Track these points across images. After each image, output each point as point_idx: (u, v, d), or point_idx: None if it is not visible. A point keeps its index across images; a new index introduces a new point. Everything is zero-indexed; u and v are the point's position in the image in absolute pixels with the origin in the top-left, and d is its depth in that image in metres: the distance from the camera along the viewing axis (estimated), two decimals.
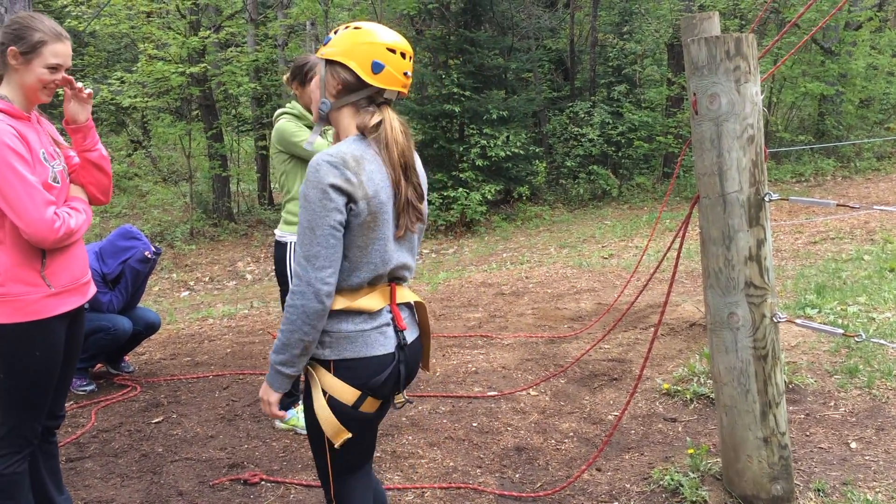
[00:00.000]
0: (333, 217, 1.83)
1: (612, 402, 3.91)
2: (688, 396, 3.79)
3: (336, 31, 1.99)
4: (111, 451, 3.64)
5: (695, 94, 2.59)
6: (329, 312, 1.92)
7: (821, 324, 3.92)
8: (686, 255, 7.40)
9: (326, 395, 1.93)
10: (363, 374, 1.93)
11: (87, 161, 2.60)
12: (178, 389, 4.51)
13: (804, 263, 6.78)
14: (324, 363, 1.95)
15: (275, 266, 3.61)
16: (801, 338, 4.40)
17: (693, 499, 2.80)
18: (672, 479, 2.94)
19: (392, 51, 1.93)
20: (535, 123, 15.92)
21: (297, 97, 3.65)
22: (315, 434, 1.99)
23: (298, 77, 3.56)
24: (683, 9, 14.28)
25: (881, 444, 3.13)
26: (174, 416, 4.07)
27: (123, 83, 12.15)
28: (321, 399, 1.93)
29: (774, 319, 2.62)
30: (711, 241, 2.64)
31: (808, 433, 3.30)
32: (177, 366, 5.00)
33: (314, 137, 2.10)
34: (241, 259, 11.39)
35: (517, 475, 3.20)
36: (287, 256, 3.48)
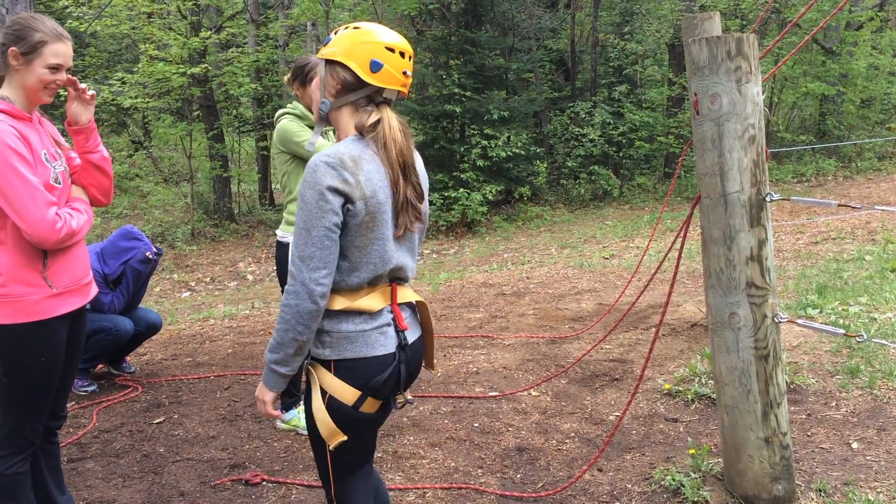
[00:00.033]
0: (329, 219, 1.83)
1: (614, 403, 3.91)
2: (689, 397, 3.79)
3: (336, 32, 2.00)
4: (113, 452, 3.64)
5: (696, 95, 2.59)
6: (329, 312, 1.93)
7: (822, 324, 3.91)
8: (687, 256, 7.40)
9: (326, 395, 1.94)
10: (363, 375, 1.93)
11: (89, 162, 2.60)
12: (180, 390, 4.52)
13: (805, 264, 6.78)
14: (324, 363, 1.95)
15: (276, 267, 3.61)
16: (803, 338, 4.40)
17: (694, 499, 2.80)
18: (673, 480, 2.94)
19: (391, 50, 1.93)
20: (536, 124, 15.93)
21: (299, 98, 3.64)
22: (316, 434, 1.99)
23: (299, 78, 3.56)
24: (684, 9, 14.28)
25: (883, 445, 3.13)
26: (175, 417, 4.07)
27: (124, 84, 12.16)
28: (319, 400, 1.94)
29: (776, 320, 2.61)
30: (713, 242, 2.64)
31: (810, 433, 3.29)
32: (178, 366, 5.01)
33: (315, 138, 2.10)
34: (243, 260, 11.39)
35: (518, 475, 3.20)
36: (289, 257, 3.48)
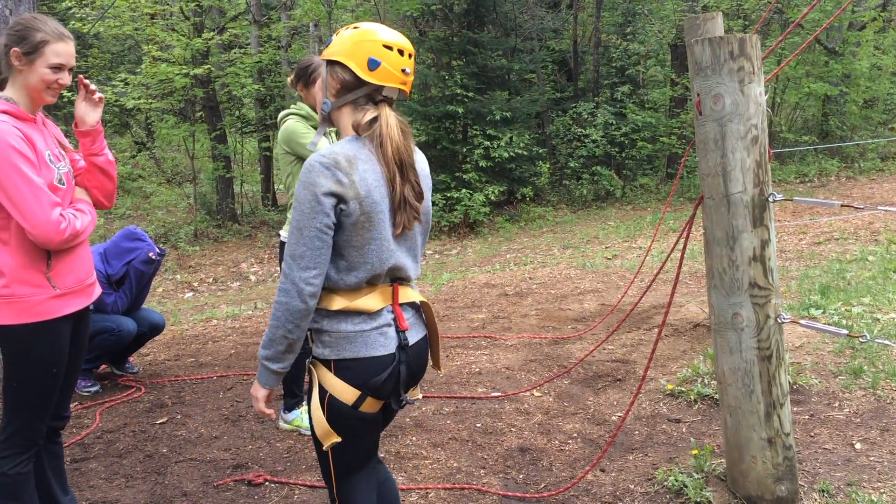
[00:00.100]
0: (321, 220, 1.84)
1: (616, 403, 3.90)
2: (692, 397, 3.79)
3: (338, 33, 2.01)
4: (115, 452, 3.65)
5: (698, 95, 2.59)
6: (329, 312, 1.94)
7: (825, 324, 3.90)
8: (690, 256, 7.40)
9: (327, 395, 1.95)
10: (363, 375, 1.94)
11: (94, 165, 2.61)
12: (183, 390, 4.52)
13: (808, 264, 6.77)
14: (325, 362, 1.96)
15: (279, 267, 3.61)
16: (806, 338, 4.40)
17: (697, 499, 2.80)
18: (676, 480, 2.93)
19: (388, 47, 1.94)
20: (539, 124, 15.93)
21: (303, 99, 3.64)
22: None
23: (303, 79, 3.56)
24: (687, 9, 14.28)
25: (886, 445, 3.12)
26: (178, 417, 4.08)
27: (127, 85, 12.18)
28: (316, 400, 1.96)
29: (778, 320, 2.61)
30: (715, 242, 2.64)
31: (813, 434, 3.29)
32: (181, 367, 5.01)
33: (318, 138, 2.10)
34: (245, 260, 11.40)
35: (521, 476, 3.20)
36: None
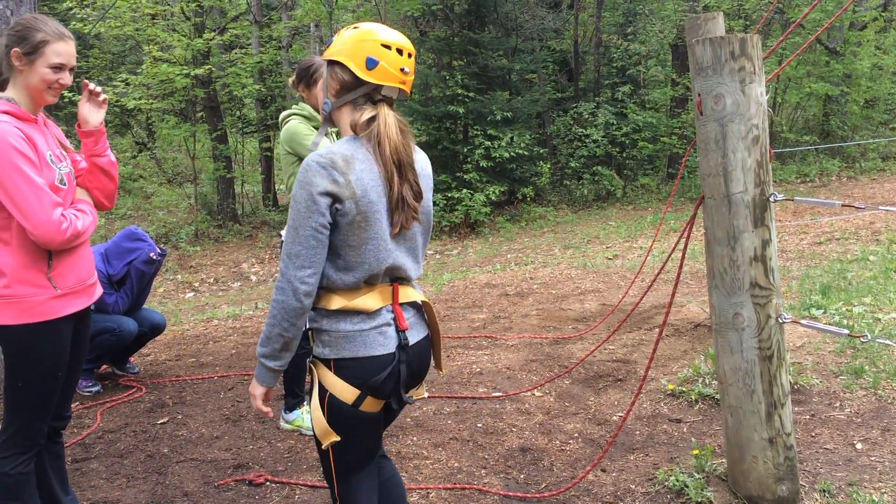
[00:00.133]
0: (316, 219, 1.85)
1: (617, 403, 3.90)
2: (693, 397, 3.79)
3: (339, 34, 2.02)
4: (117, 452, 3.65)
5: (699, 95, 2.59)
6: (328, 312, 1.95)
7: (826, 324, 3.90)
8: (691, 256, 7.40)
9: (326, 394, 1.95)
10: (362, 374, 1.94)
11: (96, 166, 2.61)
12: (184, 390, 4.52)
13: (809, 264, 6.77)
14: (325, 362, 1.97)
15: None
16: (807, 338, 4.39)
17: (698, 499, 2.79)
18: (677, 480, 2.93)
19: (387, 47, 1.94)
20: (539, 124, 15.93)
21: (304, 99, 3.63)
22: None
23: (304, 79, 3.55)
24: (688, 9, 14.28)
25: (887, 445, 3.12)
26: (179, 417, 4.08)
27: (128, 85, 12.19)
28: (317, 399, 1.97)
29: (779, 320, 2.61)
30: (716, 242, 2.64)
31: (814, 434, 3.29)
32: (182, 367, 5.02)
33: (319, 138, 2.11)
34: (246, 260, 11.41)
35: (522, 476, 3.20)
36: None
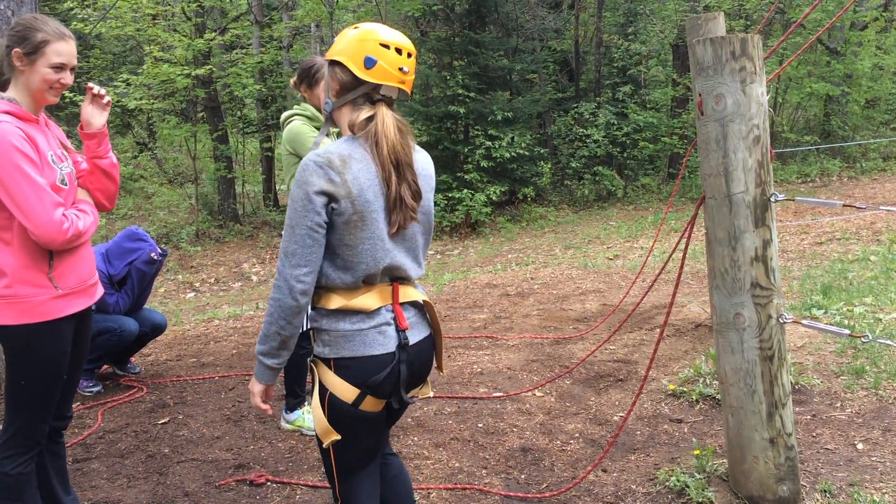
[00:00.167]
0: (311, 218, 1.86)
1: (618, 403, 3.90)
2: (693, 397, 3.79)
3: (342, 34, 2.02)
4: (117, 452, 3.65)
5: (700, 95, 2.59)
6: (327, 311, 1.96)
7: (827, 324, 3.90)
8: (692, 256, 7.39)
9: (327, 393, 1.96)
10: (361, 373, 1.94)
11: (97, 168, 2.62)
12: (184, 390, 4.52)
13: (810, 264, 6.77)
14: (325, 361, 1.98)
15: None
16: (808, 338, 4.39)
17: (699, 500, 2.79)
18: (678, 480, 2.93)
19: (385, 46, 1.94)
20: (540, 124, 15.93)
21: (306, 100, 3.62)
22: None
23: (306, 80, 3.54)
24: (688, 9, 14.28)
25: (888, 445, 3.12)
26: (180, 417, 4.08)
27: (129, 85, 12.19)
28: (317, 398, 1.97)
29: (780, 320, 2.61)
30: (717, 242, 2.64)
31: (815, 434, 3.29)
32: (183, 367, 5.02)
33: (321, 138, 2.11)
34: (247, 260, 11.41)
35: (523, 476, 3.20)
36: None
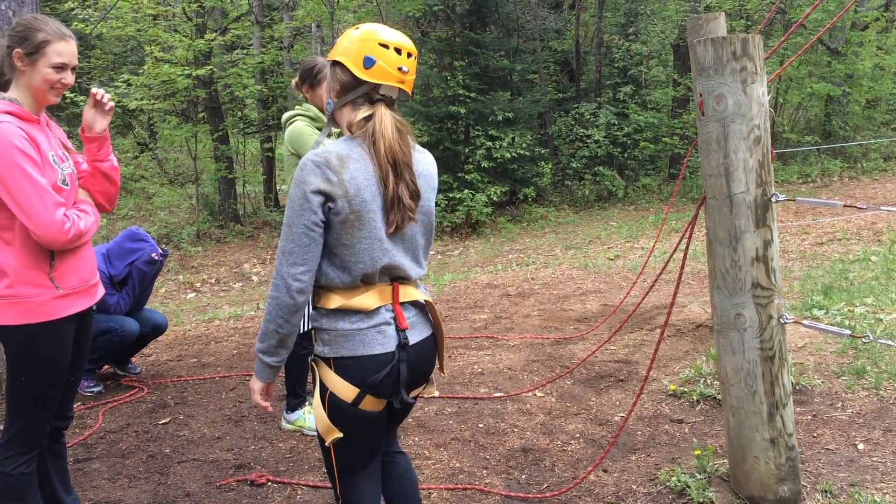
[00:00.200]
0: (308, 217, 1.87)
1: (619, 404, 3.90)
2: (694, 398, 3.79)
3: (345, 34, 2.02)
4: (118, 452, 3.66)
5: (701, 95, 2.59)
6: (326, 311, 1.96)
7: (828, 325, 3.90)
8: (692, 257, 7.39)
9: (327, 392, 1.96)
10: (361, 373, 1.95)
11: (98, 170, 2.62)
12: (185, 391, 4.53)
13: (811, 264, 6.76)
14: (325, 360, 1.98)
15: None
16: (808, 339, 4.39)
17: (700, 500, 2.79)
18: (679, 481, 2.93)
19: (385, 46, 1.95)
20: (541, 125, 15.92)
21: (308, 100, 3.61)
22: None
23: (308, 80, 3.53)
24: (689, 10, 14.27)
25: (889, 446, 3.12)
26: (181, 418, 4.08)
27: (130, 86, 12.19)
28: (318, 397, 1.98)
29: (781, 320, 2.61)
30: (718, 242, 2.64)
31: (816, 434, 3.29)
32: (183, 367, 5.02)
33: (322, 138, 2.11)
34: (248, 261, 11.42)
35: (523, 476, 3.20)
36: None
